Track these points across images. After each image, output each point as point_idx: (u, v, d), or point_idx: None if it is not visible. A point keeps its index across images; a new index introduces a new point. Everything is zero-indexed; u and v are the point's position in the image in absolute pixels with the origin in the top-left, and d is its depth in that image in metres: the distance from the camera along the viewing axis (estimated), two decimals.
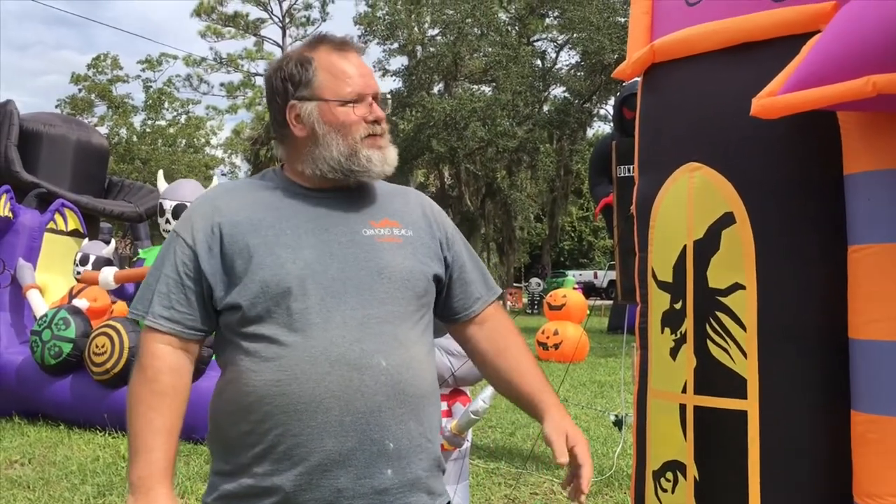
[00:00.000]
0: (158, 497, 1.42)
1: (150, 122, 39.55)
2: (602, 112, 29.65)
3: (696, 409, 1.87)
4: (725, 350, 1.82)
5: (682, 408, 1.89)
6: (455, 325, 1.74)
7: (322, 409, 1.43)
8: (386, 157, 1.56)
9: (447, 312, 1.72)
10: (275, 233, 1.51)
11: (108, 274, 5.95)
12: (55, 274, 7.56)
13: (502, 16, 28.39)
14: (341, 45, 1.58)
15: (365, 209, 1.60)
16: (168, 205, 6.14)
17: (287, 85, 1.57)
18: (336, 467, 1.44)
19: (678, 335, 1.91)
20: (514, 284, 30.87)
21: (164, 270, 1.53)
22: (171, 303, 1.51)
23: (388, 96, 1.65)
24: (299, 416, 1.43)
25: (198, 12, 36.48)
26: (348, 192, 1.59)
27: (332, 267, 1.50)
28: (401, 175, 27.09)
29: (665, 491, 1.96)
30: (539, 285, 24.05)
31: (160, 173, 6.97)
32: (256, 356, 1.47)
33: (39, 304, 6.89)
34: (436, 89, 29.19)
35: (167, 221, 6.17)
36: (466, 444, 3.20)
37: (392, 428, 1.46)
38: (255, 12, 36.95)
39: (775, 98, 1.54)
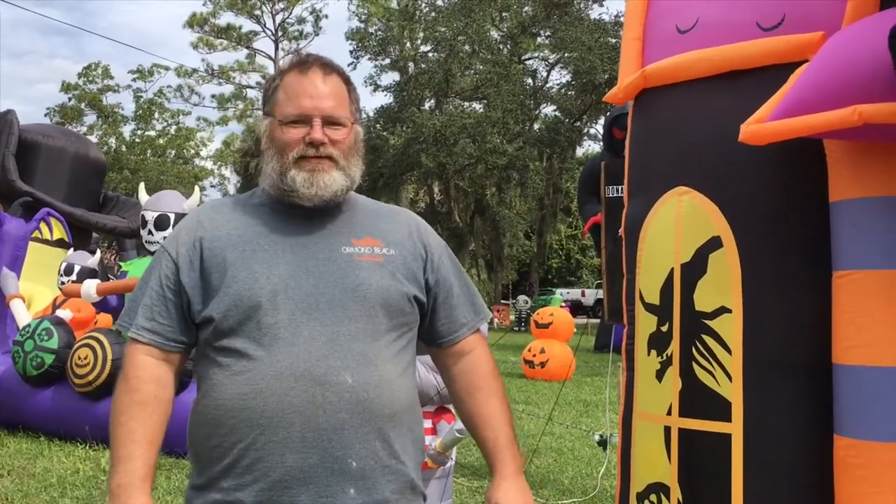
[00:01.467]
0: None
1: (139, 132, 39.47)
2: (592, 131, 29.86)
3: (681, 431, 1.87)
4: (711, 373, 1.83)
5: (667, 430, 1.90)
6: (437, 349, 1.72)
7: (284, 424, 1.43)
8: (315, 180, 1.53)
9: (430, 336, 1.70)
10: (252, 248, 1.52)
11: (91, 286, 5.91)
12: (39, 284, 7.50)
13: (494, 34, 28.61)
14: (302, 63, 1.58)
15: (349, 227, 1.60)
16: (150, 216, 6.12)
17: (263, 98, 1.63)
18: (296, 484, 1.43)
19: (664, 357, 1.92)
20: (502, 301, 30.88)
21: (149, 284, 1.56)
22: (154, 315, 1.53)
23: (349, 121, 1.58)
24: (262, 430, 1.43)
25: (190, 23, 36.55)
26: (335, 209, 1.60)
27: (307, 283, 1.50)
28: (390, 190, 27.16)
29: None
30: (527, 303, 24.07)
31: (141, 185, 6.95)
32: (227, 370, 1.48)
33: (22, 314, 6.82)
34: (427, 105, 29.30)
35: (149, 233, 6.15)
36: (450, 463, 3.19)
37: (355, 446, 1.45)
38: (247, 25, 37.11)
39: (763, 125, 1.57)
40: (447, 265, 1.69)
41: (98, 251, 8.31)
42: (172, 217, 6.10)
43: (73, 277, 7.04)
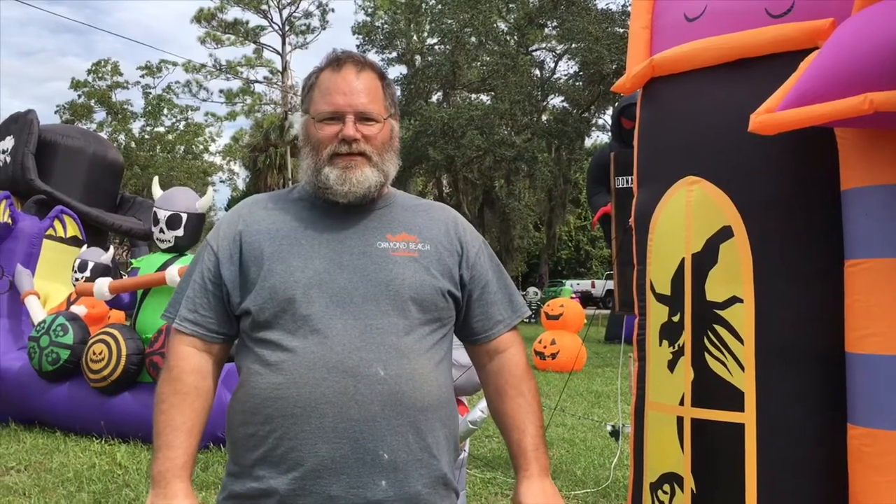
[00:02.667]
0: (176, 491, 1.46)
1: (148, 128, 39.59)
2: (601, 122, 29.71)
3: (694, 421, 1.87)
4: (723, 363, 1.83)
5: (680, 420, 1.90)
6: (472, 346, 1.73)
7: (317, 415, 1.45)
8: (348, 177, 1.55)
9: (466, 332, 1.71)
10: (290, 242, 1.55)
11: (103, 285, 5.95)
12: (54, 280, 7.56)
13: (501, 25, 28.48)
14: (336, 61, 1.60)
15: (385, 222, 1.62)
16: (162, 214, 6.15)
17: (301, 97, 1.66)
18: (329, 474, 1.45)
19: (676, 347, 1.92)
20: None
21: (193, 276, 1.61)
22: (196, 307, 1.58)
23: (382, 116, 1.59)
24: (296, 420, 1.46)
25: (198, 19, 36.56)
26: (371, 205, 1.62)
27: (341, 277, 1.52)
28: (399, 183, 27.08)
29: (662, 503, 1.96)
30: (537, 294, 24.04)
31: (155, 180, 6.98)
32: (263, 360, 1.51)
33: (37, 311, 6.88)
34: (434, 98, 29.24)
35: (161, 231, 6.18)
36: (464, 454, 3.21)
37: (387, 438, 1.47)
38: (254, 20, 37.09)
39: (773, 114, 1.56)
40: (484, 261, 1.69)
41: (111, 248, 8.36)
42: (185, 217, 6.13)
43: (87, 274, 7.08)
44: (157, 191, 6.43)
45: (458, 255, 1.65)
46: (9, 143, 9.38)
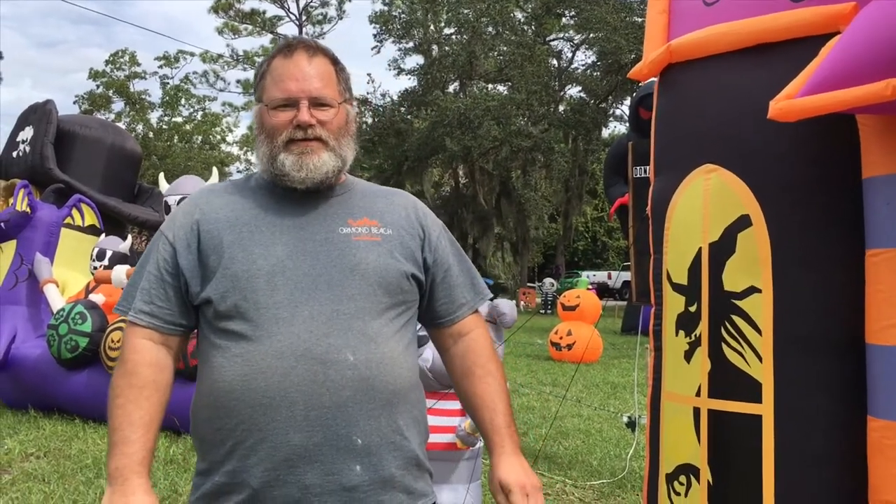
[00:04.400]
0: (135, 488, 1.43)
1: (166, 118, 39.83)
2: (618, 112, 29.54)
3: (711, 412, 1.85)
4: (740, 353, 1.81)
5: (696, 411, 1.88)
6: (436, 330, 1.73)
7: (287, 404, 1.43)
8: (304, 162, 1.53)
9: (430, 316, 1.71)
10: (249, 230, 1.54)
11: (121, 273, 6.00)
12: (72, 269, 7.63)
13: (518, 15, 28.34)
14: (287, 47, 1.59)
15: (345, 208, 1.61)
16: (173, 200, 6.19)
17: (254, 85, 1.65)
18: (302, 463, 1.44)
19: (693, 338, 1.90)
20: (528, 284, 30.81)
21: (147, 268, 1.57)
22: (152, 298, 1.54)
23: (336, 101, 1.57)
24: (265, 411, 1.44)
25: (215, 9, 36.67)
26: (330, 191, 1.61)
27: (304, 263, 1.51)
28: (415, 174, 27.14)
29: (678, 494, 1.95)
30: (553, 285, 24.01)
31: (161, 175, 7.05)
32: (226, 352, 1.49)
33: (56, 299, 6.95)
34: (451, 88, 29.17)
35: None
36: (479, 444, 3.20)
37: (360, 423, 1.46)
38: (271, 9, 37.13)
39: (793, 101, 1.53)
40: (445, 245, 1.70)
41: (129, 236, 8.42)
42: None
43: (105, 262, 7.14)
44: (163, 185, 6.48)
45: (420, 239, 1.65)
46: (28, 133, 9.47)
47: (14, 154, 9.52)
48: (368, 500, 1.47)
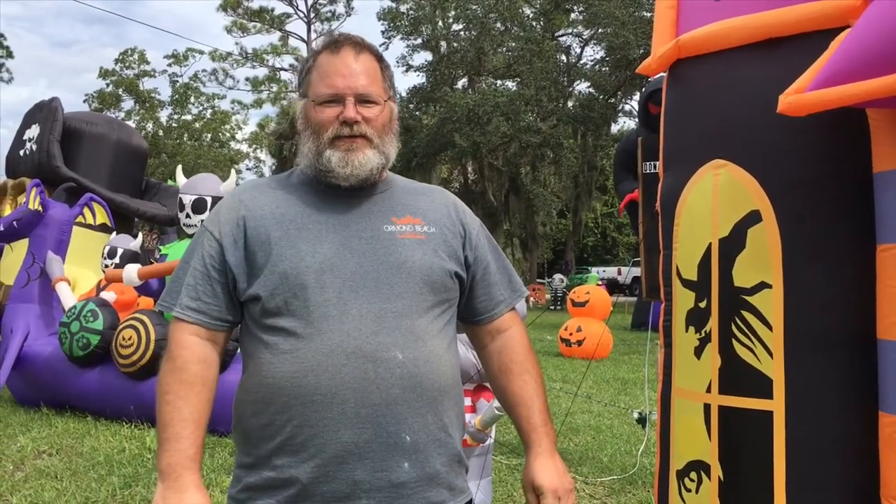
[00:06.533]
0: (187, 483, 1.45)
1: (176, 116, 39.96)
2: (627, 108, 29.44)
3: (721, 408, 1.85)
4: (751, 349, 1.80)
5: (707, 407, 1.88)
6: (474, 326, 1.74)
7: (338, 401, 1.45)
8: (350, 159, 1.54)
9: (469, 313, 1.72)
10: (296, 227, 1.54)
11: (132, 271, 6.02)
12: (84, 267, 7.68)
13: (527, 10, 28.26)
14: (334, 43, 1.59)
15: (389, 206, 1.61)
16: (187, 199, 6.20)
17: (298, 80, 1.64)
18: (352, 459, 1.45)
19: (703, 334, 1.90)
20: (538, 280, 30.78)
21: (192, 263, 1.58)
22: (198, 294, 1.55)
23: (381, 98, 1.58)
24: (315, 408, 1.45)
25: (224, 7, 36.75)
26: (373, 189, 1.61)
27: (351, 261, 1.52)
28: (424, 170, 27.12)
29: (689, 491, 1.94)
30: (562, 281, 23.98)
31: (178, 168, 7.05)
32: (275, 348, 1.49)
33: (68, 297, 6.99)
34: (460, 84, 29.15)
35: (187, 216, 6.23)
36: (490, 440, 3.21)
37: (409, 421, 1.47)
38: (280, 7, 37.33)
39: (803, 95, 1.52)
40: (483, 243, 1.71)
41: (140, 234, 8.46)
42: (209, 200, 6.18)
43: (116, 260, 7.18)
44: (181, 178, 6.49)
45: (462, 237, 1.66)
46: (34, 131, 9.50)
47: (21, 152, 9.55)
48: (415, 496, 1.49)
